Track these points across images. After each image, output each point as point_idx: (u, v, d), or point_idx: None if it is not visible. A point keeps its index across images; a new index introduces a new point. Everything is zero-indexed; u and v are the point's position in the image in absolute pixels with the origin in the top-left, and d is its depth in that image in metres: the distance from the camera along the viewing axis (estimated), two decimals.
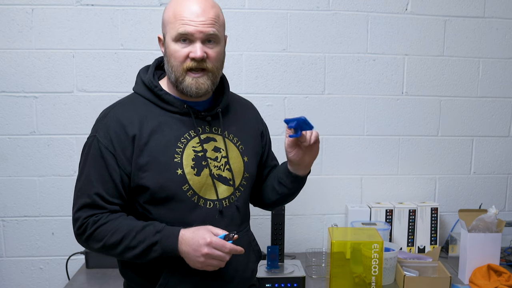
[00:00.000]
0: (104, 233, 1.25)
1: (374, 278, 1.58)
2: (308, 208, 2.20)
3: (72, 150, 2.07)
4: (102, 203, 1.27)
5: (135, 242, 1.23)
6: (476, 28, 2.18)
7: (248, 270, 1.41)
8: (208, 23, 1.25)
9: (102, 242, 1.25)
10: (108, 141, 1.27)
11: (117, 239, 1.24)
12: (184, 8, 1.25)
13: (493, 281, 1.76)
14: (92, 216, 1.26)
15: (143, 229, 1.24)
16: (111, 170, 1.26)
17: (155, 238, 1.23)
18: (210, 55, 1.28)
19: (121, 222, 1.26)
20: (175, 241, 1.22)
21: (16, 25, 2.00)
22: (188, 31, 1.24)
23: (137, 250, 1.23)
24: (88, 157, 1.29)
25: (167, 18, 1.29)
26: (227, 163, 1.35)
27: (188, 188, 1.28)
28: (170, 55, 1.28)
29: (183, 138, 1.31)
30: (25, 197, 2.09)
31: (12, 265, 2.11)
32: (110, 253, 1.27)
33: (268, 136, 1.58)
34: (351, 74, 2.16)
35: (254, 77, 2.12)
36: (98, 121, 1.33)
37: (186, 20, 1.24)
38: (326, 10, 2.11)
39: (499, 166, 2.28)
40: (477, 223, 1.82)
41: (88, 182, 1.27)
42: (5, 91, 2.03)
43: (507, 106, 2.25)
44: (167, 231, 1.24)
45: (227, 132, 1.39)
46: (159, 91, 1.32)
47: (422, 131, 2.22)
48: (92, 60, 2.05)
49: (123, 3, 2.03)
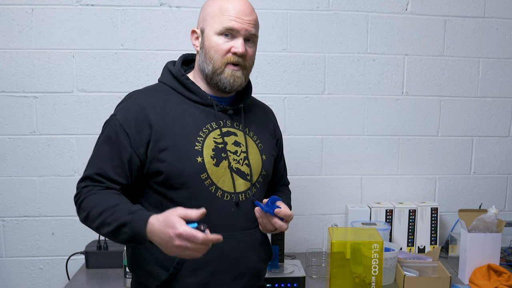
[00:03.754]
0: (90, 203, 1.25)
1: (374, 278, 1.58)
2: (308, 208, 2.20)
3: (72, 150, 2.07)
4: (101, 178, 1.28)
5: (110, 219, 1.20)
6: (476, 28, 2.18)
7: (259, 268, 1.42)
8: (253, 24, 1.32)
9: (86, 212, 1.25)
10: (125, 121, 1.29)
11: (97, 212, 1.23)
12: (233, 5, 1.30)
13: (493, 281, 1.76)
14: (88, 186, 1.29)
15: (121, 207, 1.21)
16: (121, 148, 1.28)
17: (127, 218, 1.18)
18: (249, 53, 1.34)
19: (109, 197, 1.25)
20: (143, 227, 1.16)
21: (16, 25, 2.00)
22: (235, 27, 1.29)
23: (110, 228, 1.20)
24: (104, 134, 1.33)
25: (211, 12, 1.32)
26: (246, 158, 1.37)
27: (206, 176, 1.29)
28: (210, 47, 1.31)
29: (204, 128, 1.33)
30: (25, 197, 2.09)
31: (12, 265, 2.11)
32: (92, 226, 1.26)
33: (282, 145, 1.59)
34: (351, 74, 2.16)
35: (254, 77, 2.11)
36: (121, 102, 1.37)
37: (234, 17, 1.29)
38: (326, 10, 2.11)
39: (499, 166, 2.28)
40: (477, 223, 1.82)
41: (97, 156, 1.31)
42: (5, 91, 2.03)
43: (507, 106, 2.25)
44: (139, 214, 1.18)
45: (248, 129, 1.41)
46: (185, 80, 1.36)
47: (422, 131, 2.22)
48: (92, 60, 2.05)
49: (123, 3, 2.03)
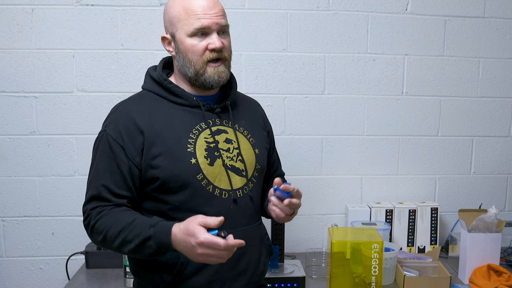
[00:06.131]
0: (104, 224, 1.24)
1: (374, 278, 1.58)
2: (308, 208, 2.20)
3: (72, 150, 2.07)
4: (108, 195, 1.27)
5: (131, 236, 1.20)
6: (476, 28, 2.18)
7: (261, 264, 1.42)
8: (220, 15, 1.31)
9: (103, 235, 1.24)
10: (117, 134, 1.29)
11: (115, 232, 1.22)
12: (195, 3, 1.29)
13: (493, 281, 1.76)
14: (97, 208, 1.26)
15: (140, 223, 1.21)
16: (119, 161, 1.28)
17: (149, 232, 1.19)
18: (225, 45, 1.33)
19: (123, 215, 1.24)
20: (168, 237, 1.18)
21: (16, 25, 2.00)
22: (205, 24, 1.28)
23: (133, 245, 1.20)
24: (98, 151, 1.31)
25: (177, 15, 1.30)
26: (239, 154, 1.37)
27: (202, 177, 1.30)
28: (187, 51, 1.31)
29: (194, 129, 1.33)
30: (25, 197, 2.08)
31: (12, 265, 2.11)
32: (111, 247, 1.25)
33: (273, 136, 1.59)
34: (351, 74, 2.16)
35: (254, 77, 2.12)
36: (108, 116, 1.36)
37: (201, 14, 1.28)
38: (326, 10, 2.11)
39: (499, 166, 2.28)
40: (477, 223, 1.82)
41: (97, 175, 1.29)
42: (5, 91, 2.03)
43: (507, 106, 2.25)
44: (160, 226, 1.20)
45: (237, 125, 1.41)
46: (168, 84, 1.35)
47: (422, 131, 2.22)
48: (92, 60, 2.04)
49: (123, 3, 2.03)
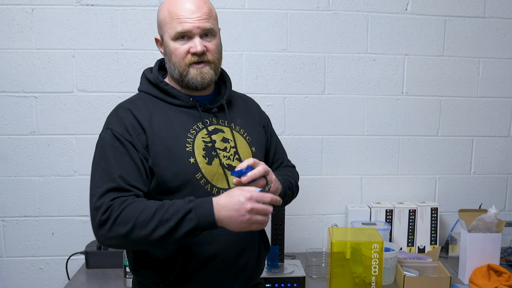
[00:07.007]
0: (134, 211, 1.18)
1: (374, 278, 1.58)
2: (308, 208, 2.20)
3: (72, 150, 2.07)
4: (127, 185, 1.23)
5: (168, 214, 1.17)
6: (476, 28, 2.18)
7: (259, 261, 1.43)
8: (204, 18, 1.30)
9: (132, 222, 1.17)
10: (123, 130, 1.27)
11: (148, 215, 1.17)
12: (179, 7, 1.29)
13: (493, 281, 1.76)
14: (118, 198, 1.21)
15: (173, 204, 1.19)
16: (131, 153, 1.26)
17: (189, 206, 1.17)
18: (210, 48, 1.33)
19: (149, 202, 1.21)
20: (210, 207, 1.17)
21: (16, 25, 2.00)
22: (186, 28, 1.29)
23: (172, 222, 1.16)
24: (104, 148, 1.27)
25: (164, 19, 1.32)
26: (236, 153, 1.38)
27: (201, 176, 1.31)
28: (171, 53, 1.33)
29: (192, 129, 1.34)
30: (25, 197, 2.08)
31: (12, 265, 2.11)
32: (139, 234, 1.18)
33: (272, 129, 1.60)
34: (351, 74, 2.16)
35: (254, 77, 2.12)
36: (110, 116, 1.34)
37: (183, 18, 1.29)
38: (326, 10, 2.11)
39: (499, 166, 2.28)
40: (477, 223, 1.82)
41: (108, 169, 1.24)
42: (5, 91, 2.03)
43: (507, 106, 2.25)
44: (199, 200, 1.19)
45: (233, 124, 1.42)
46: (165, 86, 1.36)
47: (422, 131, 2.22)
48: (92, 60, 2.04)
49: (123, 3, 2.03)
